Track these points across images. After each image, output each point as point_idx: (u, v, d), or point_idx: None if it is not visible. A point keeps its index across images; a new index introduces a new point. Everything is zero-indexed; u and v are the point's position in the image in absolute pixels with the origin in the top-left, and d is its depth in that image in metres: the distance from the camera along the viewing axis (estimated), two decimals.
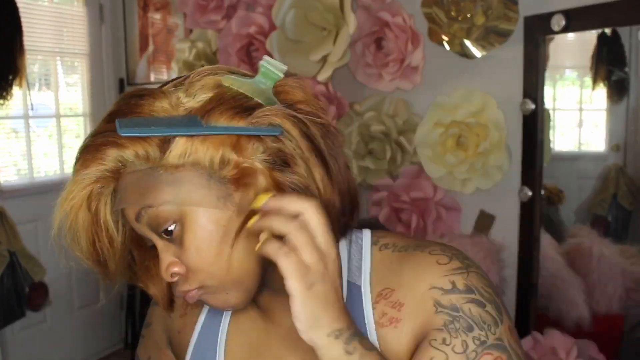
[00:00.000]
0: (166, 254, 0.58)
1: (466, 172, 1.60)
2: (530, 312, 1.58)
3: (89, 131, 2.88)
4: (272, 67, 0.58)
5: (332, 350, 0.52)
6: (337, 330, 0.52)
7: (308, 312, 0.51)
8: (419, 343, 0.58)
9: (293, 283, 0.51)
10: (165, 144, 0.55)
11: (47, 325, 2.68)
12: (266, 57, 0.59)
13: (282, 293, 0.60)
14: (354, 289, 0.63)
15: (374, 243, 0.65)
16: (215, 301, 0.60)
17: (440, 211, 1.73)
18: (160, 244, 0.58)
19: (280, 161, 0.56)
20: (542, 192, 1.56)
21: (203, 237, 0.56)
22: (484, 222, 1.69)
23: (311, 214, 0.52)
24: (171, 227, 0.57)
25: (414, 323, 0.59)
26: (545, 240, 1.59)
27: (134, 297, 2.95)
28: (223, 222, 0.56)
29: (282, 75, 0.59)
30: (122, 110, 0.57)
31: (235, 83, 0.58)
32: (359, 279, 0.64)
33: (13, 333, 2.49)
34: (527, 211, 1.56)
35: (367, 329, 0.61)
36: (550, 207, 1.67)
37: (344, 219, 0.61)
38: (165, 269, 0.58)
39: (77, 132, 2.92)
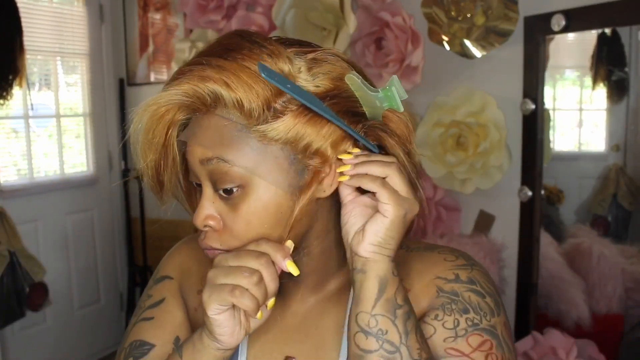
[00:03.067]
0: (208, 203, 0.58)
1: (466, 172, 1.60)
2: (530, 312, 1.58)
3: (89, 131, 2.89)
4: (396, 93, 0.58)
5: (385, 265, 0.55)
6: (392, 252, 0.56)
7: (389, 234, 0.55)
8: None
9: (390, 206, 0.54)
10: (272, 111, 0.55)
11: (47, 325, 2.68)
12: (395, 80, 0.59)
13: (303, 280, 0.65)
14: None
15: None
16: None
17: (440, 211, 1.73)
18: (208, 192, 0.58)
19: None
20: (542, 192, 1.56)
21: (259, 213, 0.57)
22: (484, 222, 1.69)
23: (395, 177, 0.55)
24: (233, 188, 0.57)
25: (418, 306, 0.61)
26: (545, 240, 1.59)
27: (134, 297, 2.96)
28: (283, 208, 0.57)
29: (401, 107, 0.59)
30: (240, 51, 0.55)
31: (355, 86, 0.58)
32: None
33: (13, 333, 2.49)
34: (527, 211, 1.56)
35: None
36: (550, 207, 1.67)
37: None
38: (203, 219, 0.58)
39: (77, 132, 2.92)
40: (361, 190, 0.58)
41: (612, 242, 1.58)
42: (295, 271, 0.57)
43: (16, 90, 2.35)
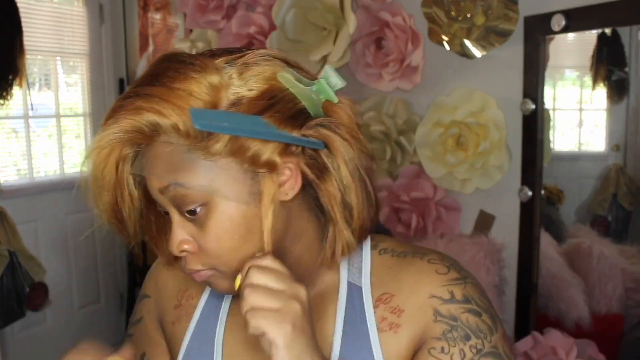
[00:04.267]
0: (180, 229, 0.58)
1: (466, 172, 1.60)
2: (530, 312, 1.58)
3: (89, 131, 2.89)
4: (331, 85, 0.58)
5: None
6: None
7: (294, 354, 0.53)
8: (417, 350, 0.60)
9: (274, 334, 0.52)
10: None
11: (47, 325, 2.68)
12: (328, 70, 0.58)
13: None
14: (355, 290, 0.64)
15: (373, 247, 0.67)
16: (220, 285, 0.61)
17: (440, 211, 1.73)
18: (176, 218, 0.58)
19: (316, 171, 0.59)
20: (542, 192, 1.56)
21: (227, 227, 0.57)
22: (484, 222, 1.69)
23: (253, 272, 0.55)
24: (196, 209, 0.57)
25: (413, 329, 0.60)
26: (545, 240, 1.59)
27: (134, 297, 2.96)
28: (249, 217, 0.57)
29: (335, 98, 0.59)
30: (166, 74, 0.55)
31: (289, 83, 0.57)
32: (359, 281, 0.65)
33: (13, 333, 2.49)
34: (527, 211, 1.56)
35: (369, 331, 0.62)
36: (550, 207, 1.67)
37: (368, 227, 0.64)
38: (177, 245, 0.59)
39: (77, 132, 2.92)
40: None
41: (612, 242, 1.58)
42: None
43: (16, 90, 2.35)
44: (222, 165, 0.56)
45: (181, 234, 0.58)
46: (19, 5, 2.30)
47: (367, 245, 0.67)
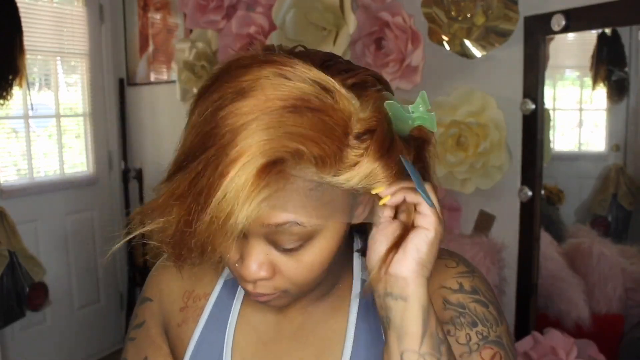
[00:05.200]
0: (261, 255, 0.53)
1: (466, 172, 1.60)
2: (530, 312, 1.58)
3: (89, 131, 2.89)
4: (429, 118, 0.55)
5: (425, 291, 0.53)
6: (426, 281, 0.53)
7: (431, 250, 0.52)
8: None
9: (433, 219, 0.52)
10: (345, 159, 0.49)
11: (47, 325, 2.68)
12: (424, 96, 0.54)
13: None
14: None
15: None
16: (280, 303, 0.58)
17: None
18: (258, 244, 0.53)
19: None
20: (542, 192, 1.56)
21: (324, 259, 0.54)
22: (484, 222, 1.69)
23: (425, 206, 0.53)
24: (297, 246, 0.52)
25: None
26: (545, 240, 1.59)
27: (134, 297, 2.95)
28: (342, 235, 0.55)
29: (435, 127, 0.56)
30: (308, 100, 0.48)
31: (394, 111, 0.53)
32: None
33: (13, 333, 2.49)
34: (527, 211, 1.56)
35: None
36: (550, 207, 1.67)
37: None
38: (257, 272, 0.53)
39: (77, 132, 2.92)
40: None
41: (612, 242, 1.58)
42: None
43: (16, 90, 2.35)
44: (341, 198, 0.52)
45: (261, 259, 0.53)
46: (19, 5, 2.30)
47: None
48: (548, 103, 1.56)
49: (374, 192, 0.52)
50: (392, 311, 0.52)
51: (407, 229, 0.54)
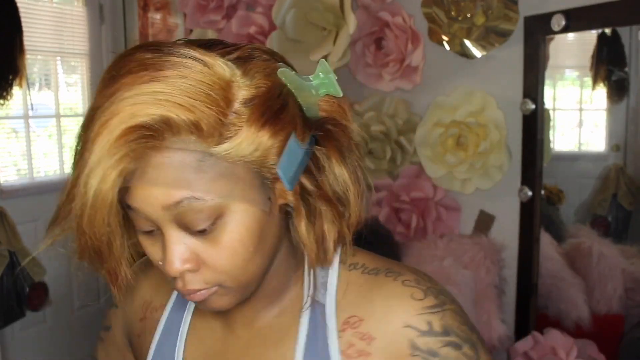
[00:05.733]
0: (179, 246, 0.50)
1: (466, 172, 1.60)
2: (530, 312, 1.58)
3: None
4: (330, 81, 0.54)
5: None
6: None
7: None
8: None
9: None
10: (227, 125, 0.47)
11: (47, 325, 2.68)
12: (324, 64, 0.54)
13: (244, 304, 0.59)
14: (318, 308, 0.58)
15: (342, 261, 0.60)
16: (220, 302, 0.55)
17: (440, 211, 1.73)
18: (174, 235, 0.50)
19: (313, 167, 0.54)
20: (542, 192, 1.56)
21: (244, 239, 0.51)
22: (484, 222, 1.69)
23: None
24: (209, 225, 0.50)
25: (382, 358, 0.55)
26: (545, 240, 1.59)
27: None
28: (264, 225, 0.52)
29: (340, 91, 0.55)
30: (165, 67, 0.47)
31: (291, 78, 0.52)
32: (323, 298, 0.59)
33: (13, 333, 2.49)
34: (527, 211, 1.56)
35: (331, 355, 0.56)
36: (550, 207, 1.67)
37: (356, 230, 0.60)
38: (178, 267, 0.50)
39: (77, 132, 2.92)
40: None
41: (612, 242, 1.58)
42: None
43: (16, 90, 2.35)
44: (239, 170, 0.49)
45: (181, 252, 0.50)
46: (19, 5, 2.30)
47: (335, 258, 0.59)
48: (548, 103, 1.56)
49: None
50: None
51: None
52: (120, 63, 0.49)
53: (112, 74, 0.48)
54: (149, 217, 0.50)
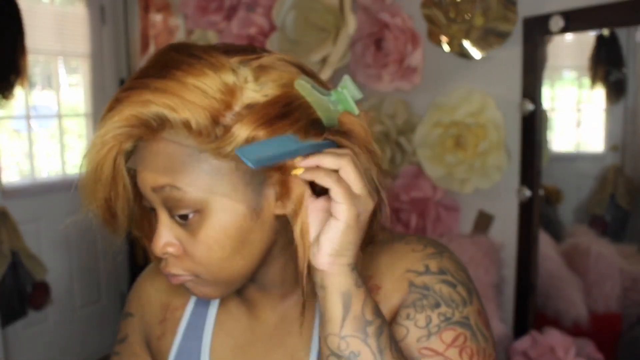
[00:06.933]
0: (166, 230, 0.56)
1: (465, 172, 1.61)
2: (528, 311, 1.59)
3: (90, 131, 2.90)
4: (348, 95, 0.55)
5: (346, 278, 0.52)
6: (355, 263, 0.53)
7: (345, 239, 0.51)
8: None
9: (344, 207, 0.50)
10: (222, 126, 0.51)
11: (48, 324, 2.69)
12: (347, 81, 0.55)
13: (270, 290, 0.63)
14: None
15: None
16: (198, 291, 0.59)
17: (440, 211, 1.74)
18: (164, 218, 0.56)
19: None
20: (541, 192, 1.57)
21: (220, 238, 0.54)
22: (483, 221, 1.69)
23: (348, 169, 0.52)
24: (189, 214, 0.54)
25: (390, 304, 0.59)
26: (544, 240, 1.60)
27: None
28: (244, 229, 0.54)
29: (356, 110, 0.56)
30: (178, 67, 0.51)
31: (307, 91, 0.54)
32: None
33: (15, 332, 2.50)
34: (526, 211, 1.57)
35: None
36: (549, 207, 1.67)
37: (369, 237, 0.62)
38: (161, 246, 0.56)
39: (78, 133, 2.93)
40: (317, 195, 0.55)
41: (610, 241, 1.59)
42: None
43: (18, 91, 2.37)
44: (228, 172, 0.53)
45: (167, 235, 0.56)
46: (21, 6, 2.31)
47: None
48: (546, 103, 1.57)
49: (294, 173, 0.53)
50: (320, 300, 0.53)
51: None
52: (153, 57, 0.55)
53: (145, 65, 0.55)
54: (145, 195, 0.56)
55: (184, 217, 0.54)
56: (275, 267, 0.61)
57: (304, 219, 0.53)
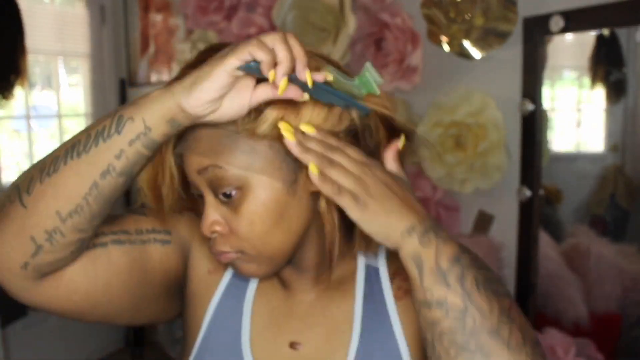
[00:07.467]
0: (212, 210, 0.61)
1: (465, 172, 1.61)
2: (529, 311, 1.59)
3: None
4: (372, 79, 0.61)
5: (409, 247, 0.55)
6: (408, 227, 0.55)
7: (375, 228, 0.55)
8: None
9: (352, 214, 0.55)
10: (255, 110, 0.57)
11: (48, 324, 2.69)
12: (369, 66, 0.61)
13: (305, 271, 0.67)
14: (372, 271, 0.69)
15: None
16: (245, 268, 0.63)
17: (440, 211, 1.74)
18: (210, 200, 0.61)
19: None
20: (541, 192, 1.57)
21: (260, 212, 0.59)
22: (483, 221, 1.70)
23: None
24: (231, 192, 0.59)
25: None
26: (544, 240, 1.60)
27: None
28: (282, 204, 0.60)
29: (377, 91, 0.62)
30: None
31: (334, 76, 0.59)
32: (375, 262, 0.69)
33: (15, 332, 2.50)
34: (526, 211, 1.57)
35: (387, 300, 0.66)
36: (549, 207, 1.67)
37: None
38: (209, 225, 0.61)
39: None
40: None
41: (611, 241, 1.59)
42: (310, 82, 0.55)
43: (18, 91, 2.37)
44: (263, 150, 0.58)
45: (213, 215, 0.61)
46: (21, 6, 2.31)
47: None
48: (546, 103, 1.57)
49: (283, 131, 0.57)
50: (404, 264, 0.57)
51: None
52: (198, 55, 0.62)
53: (187, 63, 0.62)
54: (192, 180, 0.61)
55: (228, 196, 0.59)
56: (311, 250, 0.66)
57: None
